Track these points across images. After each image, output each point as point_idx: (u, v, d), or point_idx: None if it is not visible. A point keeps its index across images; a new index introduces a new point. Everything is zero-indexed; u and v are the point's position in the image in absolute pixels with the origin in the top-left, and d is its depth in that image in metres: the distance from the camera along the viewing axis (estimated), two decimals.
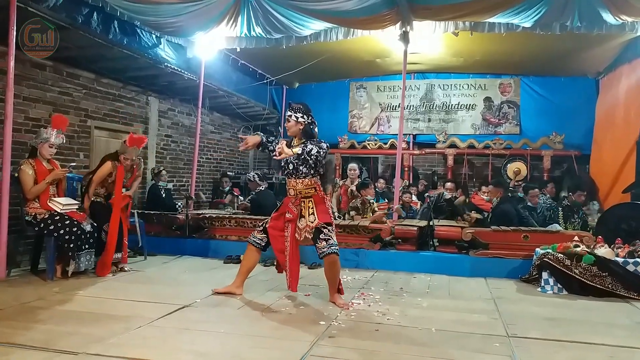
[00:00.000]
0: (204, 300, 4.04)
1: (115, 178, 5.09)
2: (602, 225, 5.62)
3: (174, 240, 6.55)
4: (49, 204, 4.72)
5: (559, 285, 4.68)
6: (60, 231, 4.61)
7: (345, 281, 4.81)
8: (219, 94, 8.50)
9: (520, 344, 3.14)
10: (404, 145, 8.95)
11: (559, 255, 4.73)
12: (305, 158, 3.92)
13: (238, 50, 7.29)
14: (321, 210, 4.02)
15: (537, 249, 5.10)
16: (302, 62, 8.30)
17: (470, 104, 9.97)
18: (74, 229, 4.66)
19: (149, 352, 2.79)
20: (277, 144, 4.12)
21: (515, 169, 9.18)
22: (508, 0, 5.58)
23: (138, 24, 6.28)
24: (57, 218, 4.66)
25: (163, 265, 5.69)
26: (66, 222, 4.65)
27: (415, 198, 8.08)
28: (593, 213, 7.24)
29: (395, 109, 10.20)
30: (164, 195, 7.48)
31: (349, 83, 10.56)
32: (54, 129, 4.80)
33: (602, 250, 4.75)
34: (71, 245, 4.63)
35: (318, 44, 6.97)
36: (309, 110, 4.09)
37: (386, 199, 7.65)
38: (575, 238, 5.10)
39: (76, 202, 5.04)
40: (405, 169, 9.60)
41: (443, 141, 9.67)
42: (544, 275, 4.76)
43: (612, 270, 4.54)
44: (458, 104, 10.01)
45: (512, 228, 5.68)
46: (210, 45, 7.27)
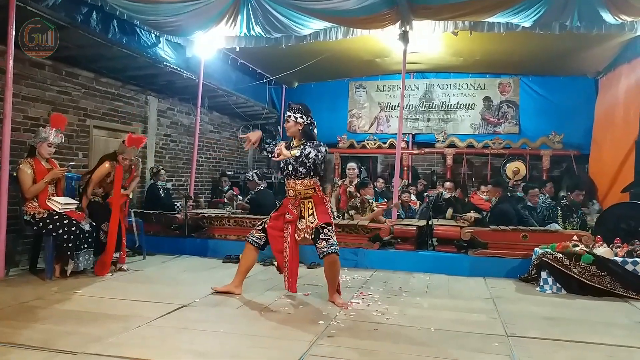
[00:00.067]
0: (203, 300, 4.04)
1: (114, 178, 5.09)
2: (601, 224, 5.63)
3: (172, 240, 6.55)
4: (48, 204, 4.72)
5: (558, 285, 4.68)
6: (59, 230, 4.60)
7: (344, 281, 4.81)
8: (218, 93, 8.50)
9: (519, 343, 3.15)
10: (403, 144, 8.95)
11: (558, 254, 4.73)
12: (303, 161, 3.93)
13: (237, 49, 7.27)
14: (321, 210, 4.03)
15: (536, 249, 5.09)
16: (302, 62, 8.30)
17: (469, 104, 9.97)
18: (73, 229, 4.65)
19: (147, 352, 2.78)
20: (276, 146, 4.12)
21: (514, 169, 9.18)
22: (508, 0, 5.58)
23: (137, 23, 6.27)
24: (56, 217, 4.65)
25: (162, 265, 5.69)
26: (65, 222, 4.65)
27: (414, 197, 8.09)
28: (592, 213, 7.24)
29: (394, 109, 10.20)
30: (162, 194, 7.47)
31: (348, 82, 10.55)
32: (53, 128, 4.80)
33: (601, 250, 4.75)
34: (70, 244, 4.63)
35: (317, 43, 6.96)
36: (308, 111, 4.10)
37: (385, 198, 7.65)
38: (574, 237, 5.11)
39: (75, 202, 5.03)
40: (405, 168, 9.60)
41: (442, 141, 9.67)
42: (543, 274, 4.77)
43: (611, 270, 4.54)
44: (457, 104, 10.00)
45: (511, 227, 5.69)
46: (209, 45, 7.27)
